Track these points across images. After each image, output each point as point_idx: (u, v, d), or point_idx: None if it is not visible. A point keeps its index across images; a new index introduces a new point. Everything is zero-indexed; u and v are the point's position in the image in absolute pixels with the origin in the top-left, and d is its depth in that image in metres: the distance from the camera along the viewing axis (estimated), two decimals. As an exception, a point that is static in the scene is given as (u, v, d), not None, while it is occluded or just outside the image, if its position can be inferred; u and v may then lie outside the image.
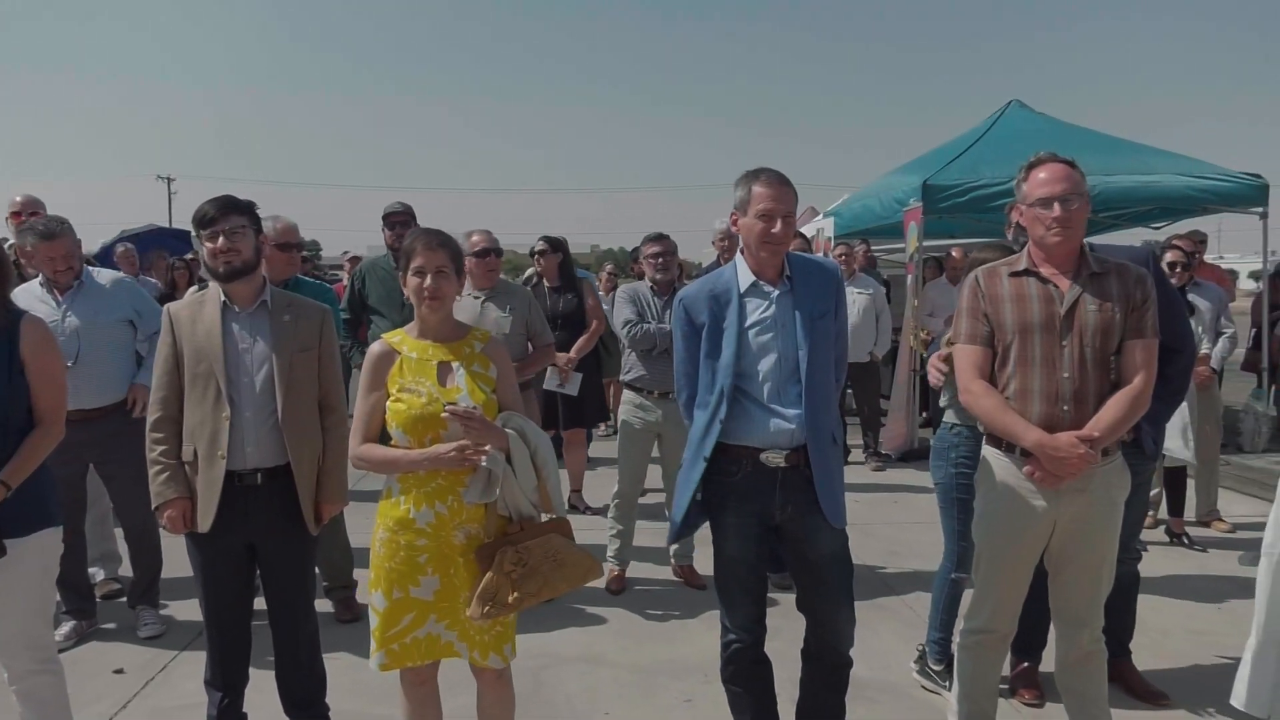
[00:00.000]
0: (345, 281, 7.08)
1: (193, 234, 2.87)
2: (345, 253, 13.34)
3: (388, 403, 2.56)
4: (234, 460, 2.77)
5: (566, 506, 3.83)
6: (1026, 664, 3.53)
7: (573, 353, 5.12)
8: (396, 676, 2.67)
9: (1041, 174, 2.67)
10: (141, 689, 3.61)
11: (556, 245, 5.46)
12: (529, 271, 6.09)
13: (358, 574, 4.29)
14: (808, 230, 10.62)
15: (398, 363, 2.58)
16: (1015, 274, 2.74)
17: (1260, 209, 7.57)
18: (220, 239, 2.76)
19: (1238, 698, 3.01)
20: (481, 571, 2.49)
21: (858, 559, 3.71)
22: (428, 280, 2.56)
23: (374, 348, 2.64)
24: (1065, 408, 2.62)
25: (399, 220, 4.96)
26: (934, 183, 7.54)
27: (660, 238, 4.80)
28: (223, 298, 2.84)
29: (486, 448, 2.47)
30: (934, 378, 3.49)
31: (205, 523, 2.77)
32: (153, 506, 2.83)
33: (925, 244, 7.99)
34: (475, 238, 4.57)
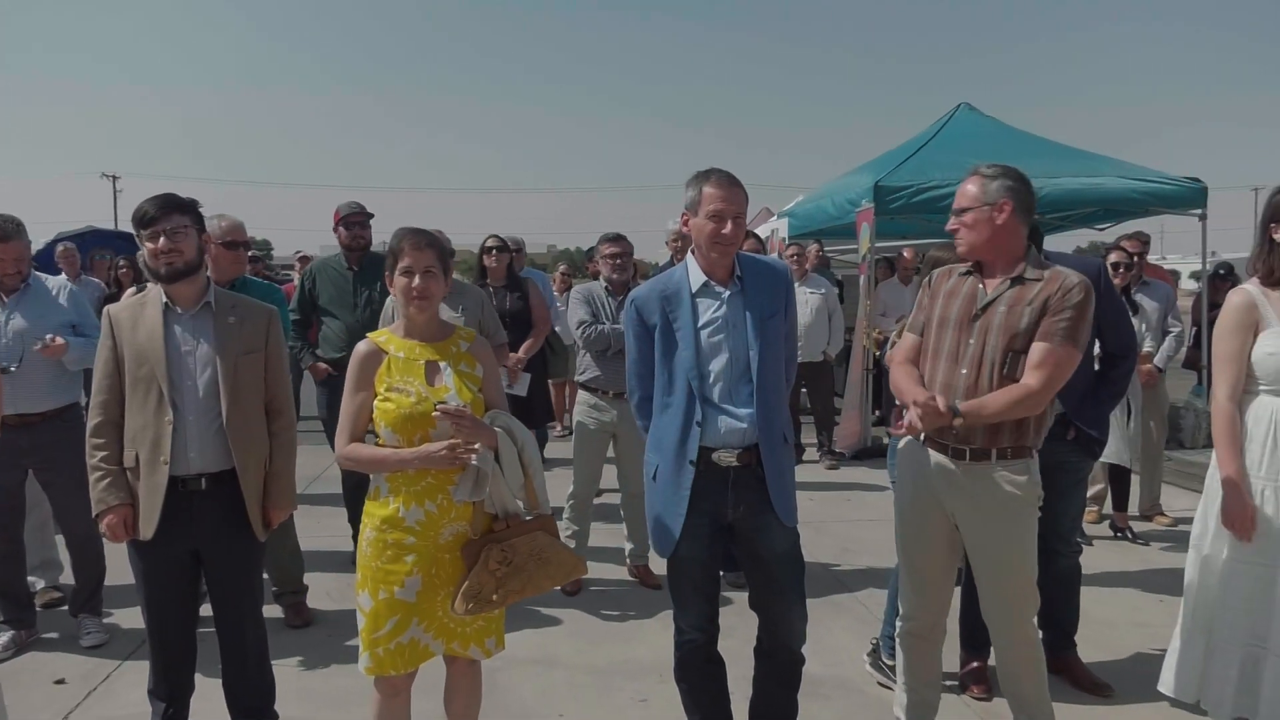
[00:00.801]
0: (296, 282, 6.98)
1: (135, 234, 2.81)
2: (297, 252, 13.13)
3: (375, 402, 2.55)
4: (177, 466, 2.72)
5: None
6: (976, 662, 3.59)
7: (521, 353, 5.11)
8: (348, 684, 2.65)
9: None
10: (83, 700, 3.52)
11: (507, 245, 5.43)
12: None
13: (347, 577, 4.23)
14: (762, 231, 10.69)
15: (385, 362, 2.57)
16: (964, 274, 2.84)
17: (1199, 211, 7.78)
18: (161, 239, 2.71)
19: (1166, 684, 3.10)
20: (467, 568, 2.50)
21: (811, 556, 3.76)
22: (416, 280, 2.55)
23: (360, 347, 2.63)
24: (957, 402, 2.68)
25: (355, 221, 4.91)
26: (885, 184, 7.63)
27: (617, 238, 4.81)
28: (164, 299, 2.79)
29: (476, 446, 2.47)
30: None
31: (148, 530, 2.71)
32: (93, 514, 2.77)
33: (877, 245, 8.09)
34: None
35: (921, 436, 2.83)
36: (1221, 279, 7.97)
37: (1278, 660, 2.87)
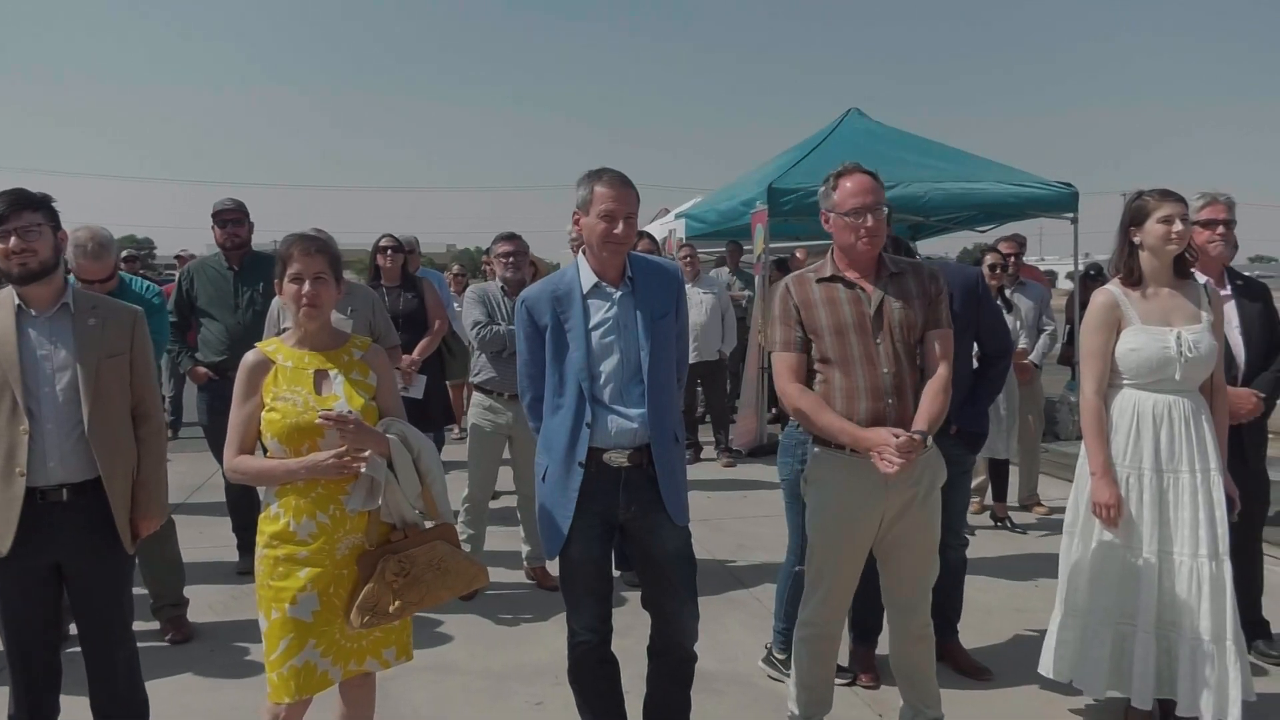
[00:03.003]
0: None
1: None
2: (184, 250, 12.56)
3: (262, 413, 2.47)
4: (35, 477, 2.55)
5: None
6: (865, 648, 3.68)
7: (415, 354, 5.01)
8: (230, 700, 2.55)
9: (849, 184, 2.80)
10: (-63, 729, 3.29)
11: (401, 244, 5.32)
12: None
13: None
14: (659, 231, 10.75)
15: (272, 371, 2.49)
16: (822, 280, 2.85)
17: (1071, 215, 8.16)
18: (12, 238, 2.54)
19: (1044, 666, 3.26)
20: (362, 580, 2.43)
21: (708, 554, 3.81)
22: (305, 287, 2.47)
23: (248, 357, 2.54)
24: (890, 401, 2.75)
25: (230, 218, 4.72)
26: (778, 186, 7.77)
27: (511, 237, 4.75)
28: (17, 301, 2.62)
29: (366, 454, 2.40)
30: None
31: (3, 545, 2.54)
32: None
33: (772, 245, 8.22)
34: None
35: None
36: (1091, 279, 8.38)
37: (1146, 637, 3.04)
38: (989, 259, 5.79)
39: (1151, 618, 3.04)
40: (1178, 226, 3.03)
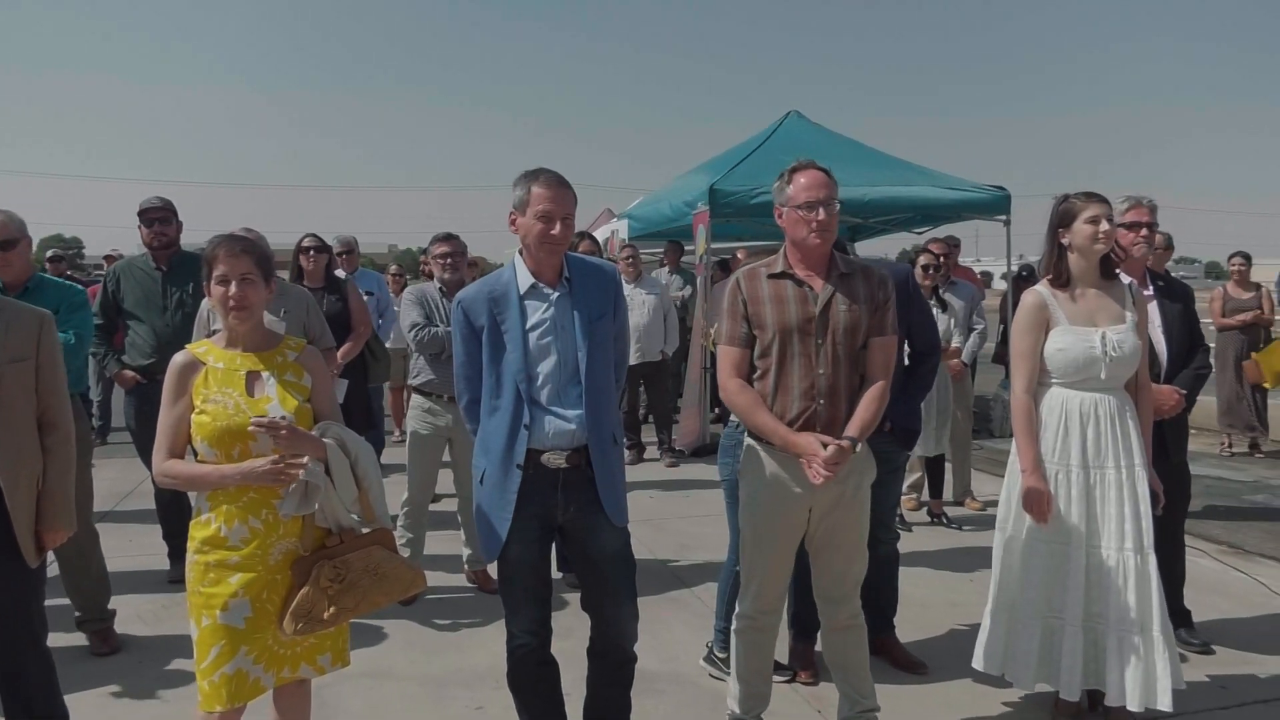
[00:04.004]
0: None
1: None
2: (114, 250, 12.18)
3: (192, 416, 2.41)
4: None
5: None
6: (804, 645, 3.72)
7: (338, 357, 4.93)
8: (159, 713, 2.48)
9: (803, 179, 2.82)
10: None
11: (325, 244, 5.23)
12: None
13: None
14: (602, 232, 10.74)
15: (202, 374, 2.43)
16: (773, 276, 2.88)
17: (1004, 217, 8.34)
18: None
19: (977, 660, 3.32)
20: (296, 586, 2.39)
21: (651, 554, 3.81)
22: (232, 288, 2.42)
23: (177, 358, 2.48)
24: (821, 402, 2.79)
25: (157, 217, 4.58)
26: (719, 187, 7.80)
27: (448, 237, 4.70)
28: None
29: (303, 459, 2.35)
30: None
31: None
32: None
33: (714, 246, 8.26)
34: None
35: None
36: (1024, 280, 8.58)
37: (1074, 630, 3.12)
38: (922, 259, 5.90)
39: (1079, 611, 3.12)
40: (1104, 227, 3.12)
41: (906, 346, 3.71)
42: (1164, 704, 3.03)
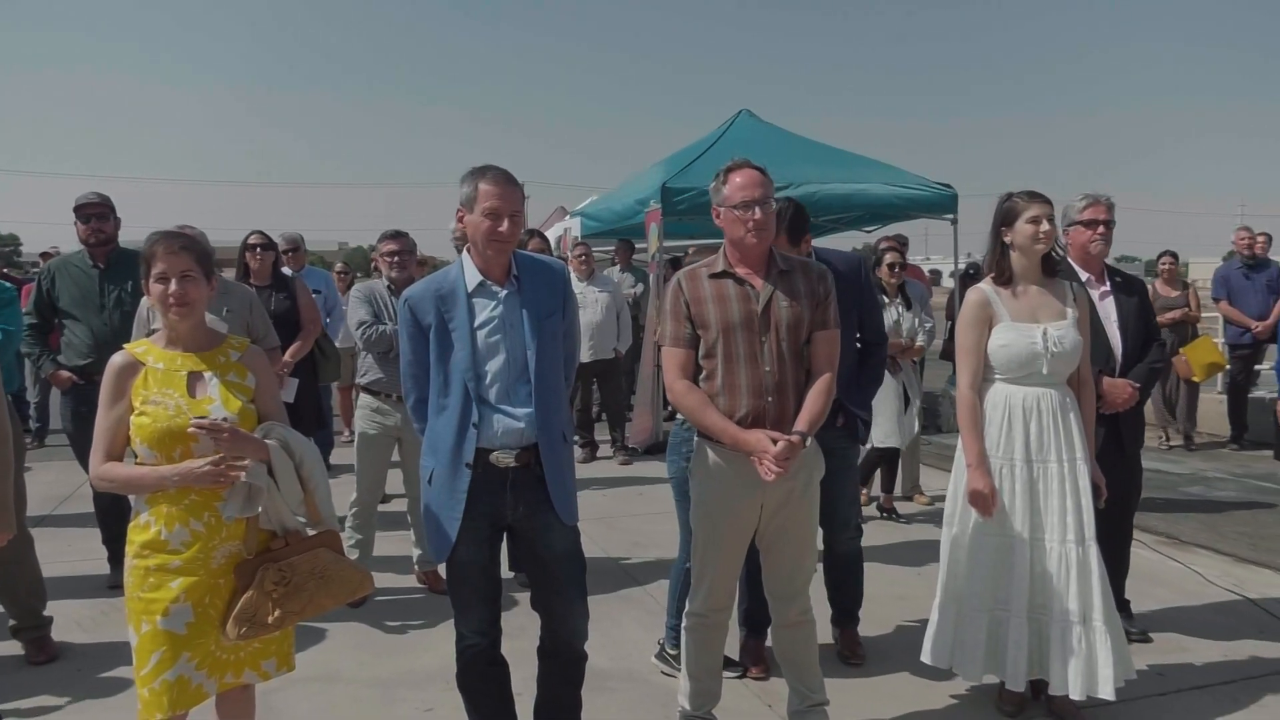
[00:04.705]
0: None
1: None
2: (54, 247, 11.83)
3: (132, 417, 2.35)
4: None
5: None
6: (755, 641, 3.74)
7: (287, 356, 4.86)
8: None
9: (738, 179, 2.83)
10: None
11: (272, 242, 5.15)
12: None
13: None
14: (555, 230, 10.71)
15: (142, 374, 2.37)
16: (714, 275, 2.89)
17: (951, 216, 8.48)
18: None
19: (926, 653, 3.37)
20: (240, 590, 2.34)
21: (603, 551, 3.81)
22: (172, 286, 2.36)
23: (115, 359, 2.42)
24: (769, 399, 2.80)
25: (94, 213, 4.47)
26: (672, 186, 7.83)
27: (396, 235, 4.65)
28: None
29: (245, 461, 2.30)
30: None
31: None
32: None
33: (667, 244, 8.28)
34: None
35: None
36: (970, 278, 8.72)
37: (1019, 621, 3.18)
38: (889, 258, 5.95)
39: (1024, 602, 3.17)
40: (1045, 227, 3.17)
41: (857, 337, 3.74)
42: (1105, 692, 3.10)
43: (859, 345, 3.78)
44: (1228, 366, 8.45)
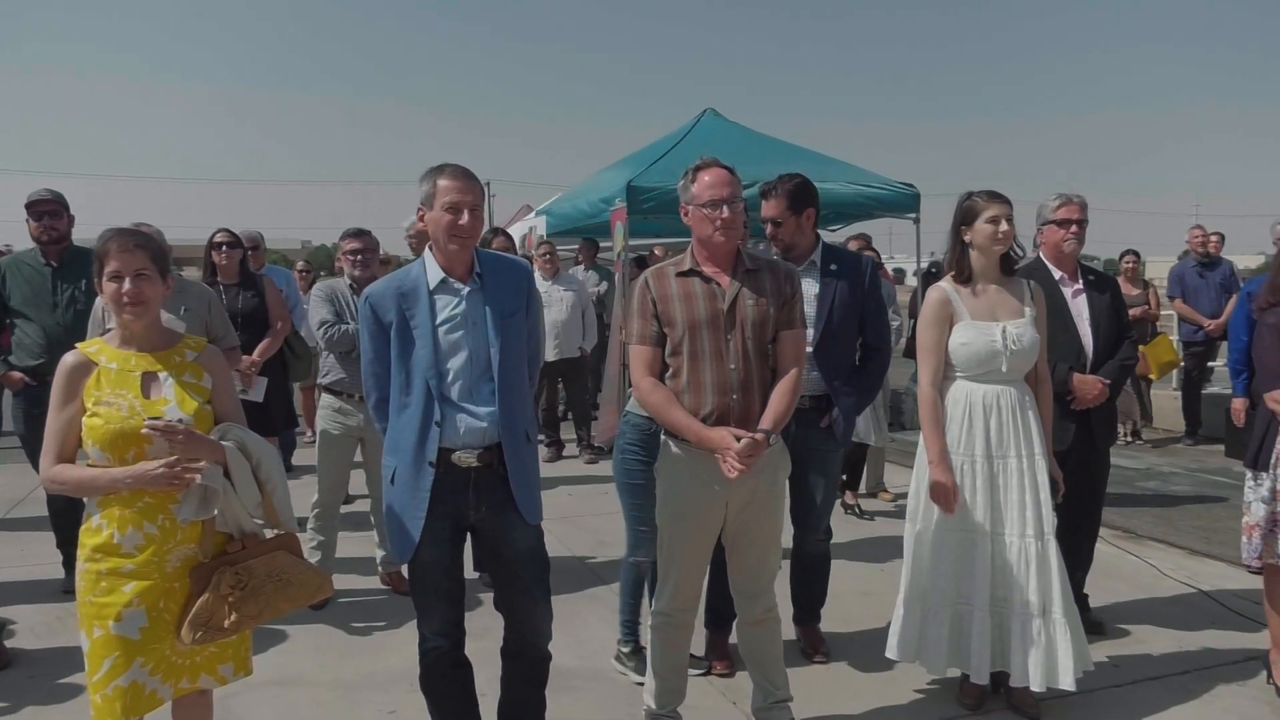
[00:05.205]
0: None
1: None
2: (6, 245, 11.57)
3: (84, 419, 2.30)
4: None
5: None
6: (719, 636, 3.75)
7: (256, 355, 4.80)
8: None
9: (707, 177, 2.84)
10: None
11: (239, 240, 5.08)
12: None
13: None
14: (520, 229, 10.66)
15: (94, 374, 2.32)
16: (681, 273, 2.89)
17: (914, 215, 8.56)
18: None
19: (891, 649, 3.40)
20: (196, 594, 2.30)
21: (569, 550, 3.80)
22: (126, 285, 2.32)
23: (67, 359, 2.37)
24: (734, 397, 2.81)
25: (46, 210, 4.37)
26: (637, 184, 7.82)
27: (358, 233, 4.60)
28: None
29: (201, 463, 2.26)
30: None
31: None
32: None
33: (632, 242, 8.27)
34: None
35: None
36: (932, 276, 8.81)
37: (982, 615, 3.22)
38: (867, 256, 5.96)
39: (986, 596, 3.21)
40: (1003, 227, 3.21)
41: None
42: (1065, 683, 3.15)
43: (860, 348, 3.77)
44: (1182, 364, 8.63)
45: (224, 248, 4.99)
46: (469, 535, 2.75)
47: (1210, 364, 8.83)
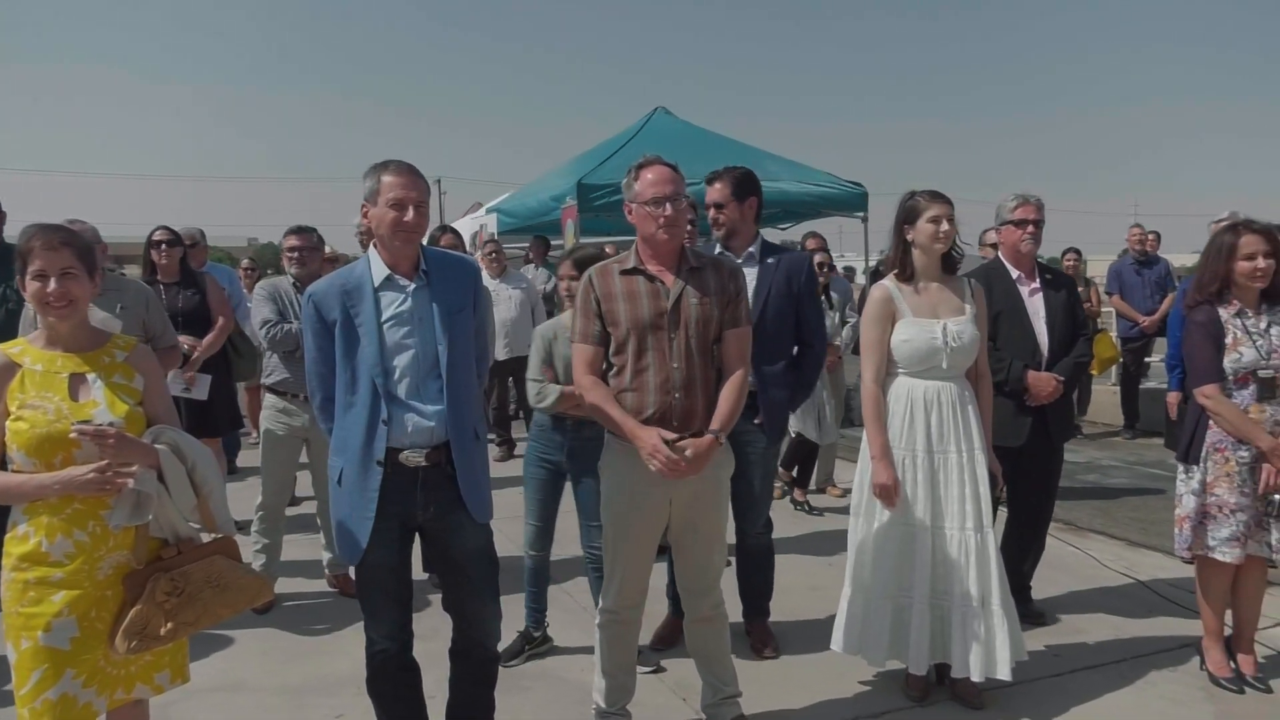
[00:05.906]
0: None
1: None
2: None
3: (8, 423, 2.21)
4: None
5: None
6: (680, 619, 3.74)
7: (197, 353, 4.70)
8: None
9: (650, 175, 2.84)
10: None
11: (179, 238, 4.97)
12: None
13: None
14: (470, 226, 10.58)
15: (19, 376, 2.24)
16: (625, 272, 2.90)
17: (862, 214, 8.68)
18: None
19: (836, 642, 3.44)
20: (129, 602, 2.23)
21: (518, 550, 3.75)
22: (51, 285, 2.24)
23: None
24: (677, 395, 2.82)
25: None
26: (588, 182, 7.83)
27: (300, 231, 4.53)
28: None
29: (133, 467, 2.19)
30: None
31: None
32: None
33: (583, 240, 8.26)
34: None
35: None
36: (880, 275, 8.95)
37: (922, 608, 3.27)
38: (819, 257, 6.00)
39: (926, 589, 3.27)
40: (944, 227, 3.27)
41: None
42: (1003, 673, 3.22)
43: (795, 346, 3.80)
44: (1121, 359, 8.85)
45: (163, 246, 4.88)
46: (417, 536, 2.72)
47: (1147, 359, 9.07)
